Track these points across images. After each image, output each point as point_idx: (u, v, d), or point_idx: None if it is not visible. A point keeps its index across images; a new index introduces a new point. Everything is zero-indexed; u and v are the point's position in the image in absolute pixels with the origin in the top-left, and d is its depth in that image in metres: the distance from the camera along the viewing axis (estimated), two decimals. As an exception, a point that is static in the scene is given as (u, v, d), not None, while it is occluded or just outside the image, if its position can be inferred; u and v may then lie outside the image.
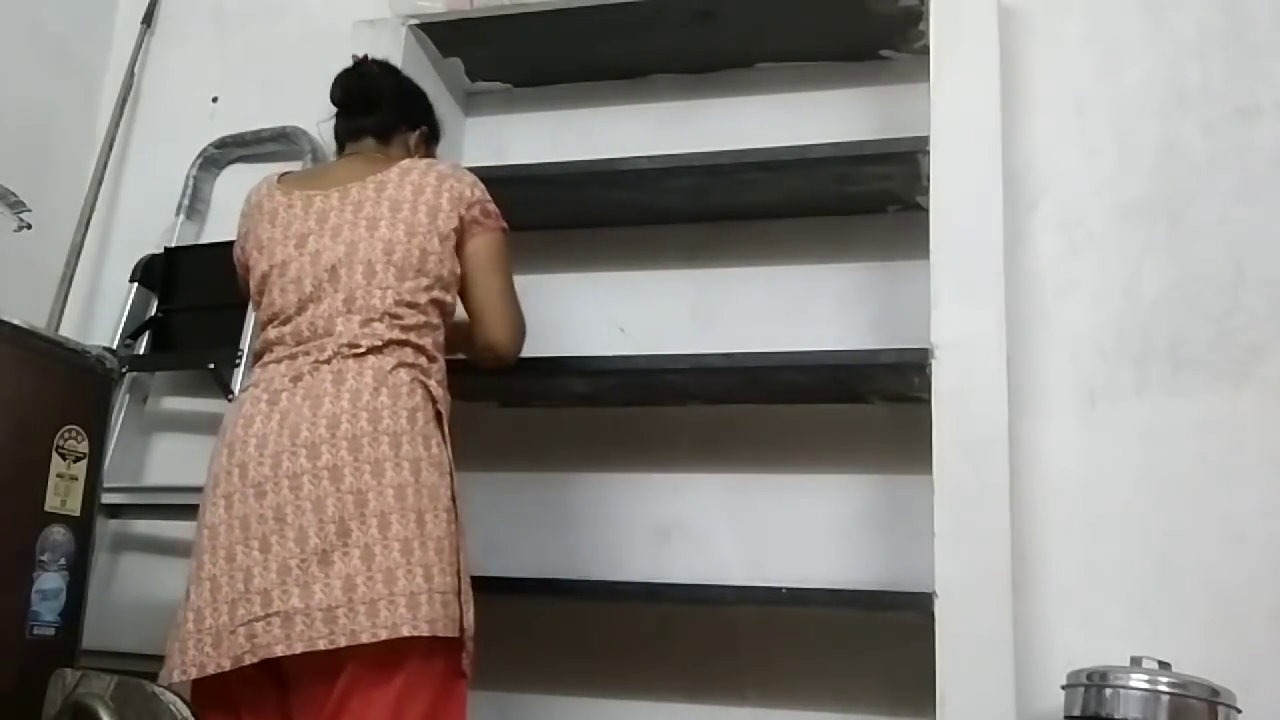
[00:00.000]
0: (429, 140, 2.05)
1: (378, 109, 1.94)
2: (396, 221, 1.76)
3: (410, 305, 1.74)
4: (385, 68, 2.01)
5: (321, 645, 1.52)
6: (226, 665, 1.56)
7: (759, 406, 2.32)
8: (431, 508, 1.64)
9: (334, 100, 1.95)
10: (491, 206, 1.87)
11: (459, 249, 1.82)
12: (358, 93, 1.94)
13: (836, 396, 2.24)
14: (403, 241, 1.75)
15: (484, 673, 1.71)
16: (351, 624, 1.53)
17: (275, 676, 1.62)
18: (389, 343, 1.71)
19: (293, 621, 1.54)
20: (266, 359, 1.76)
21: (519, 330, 1.89)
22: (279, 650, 1.54)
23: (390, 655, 1.55)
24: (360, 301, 1.72)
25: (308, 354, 1.70)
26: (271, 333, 1.78)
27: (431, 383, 1.74)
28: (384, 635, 1.53)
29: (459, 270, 1.82)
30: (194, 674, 1.58)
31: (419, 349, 1.75)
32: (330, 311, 1.72)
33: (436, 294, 1.78)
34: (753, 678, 2.23)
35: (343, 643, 1.52)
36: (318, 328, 1.72)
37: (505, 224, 1.89)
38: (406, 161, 1.86)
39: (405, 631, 1.53)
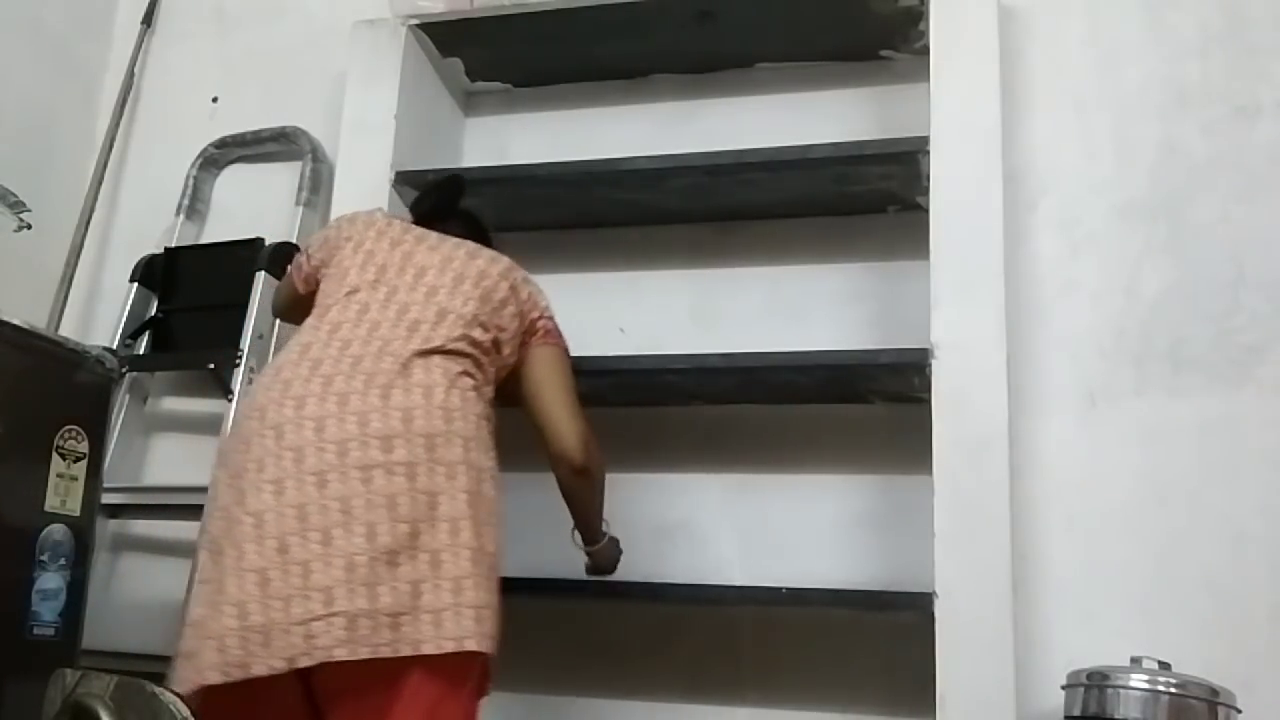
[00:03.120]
0: None
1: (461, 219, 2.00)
2: (469, 274, 1.76)
3: (479, 332, 1.71)
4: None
5: (385, 652, 1.43)
6: (280, 666, 1.42)
7: (759, 407, 2.32)
8: (488, 521, 1.57)
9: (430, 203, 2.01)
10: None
11: (521, 346, 1.82)
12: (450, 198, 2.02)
13: (836, 397, 2.24)
14: (470, 284, 1.74)
15: (484, 673, 1.70)
16: (415, 632, 1.44)
17: (302, 688, 1.50)
18: (455, 352, 1.66)
19: (357, 624, 1.42)
20: (308, 341, 1.66)
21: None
22: (340, 654, 1.42)
23: (443, 668, 1.48)
24: (431, 309, 1.68)
25: (368, 343, 1.62)
26: (320, 323, 1.69)
27: (488, 400, 1.71)
28: (449, 647, 1.44)
29: (515, 356, 1.81)
30: (237, 675, 1.42)
31: (480, 367, 1.70)
32: (398, 312, 1.67)
33: (496, 337, 1.75)
34: (753, 678, 2.23)
35: (406, 651, 1.43)
36: (381, 324, 1.66)
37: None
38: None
39: (470, 645, 1.46)
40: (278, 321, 2.48)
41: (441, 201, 2.00)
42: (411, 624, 1.45)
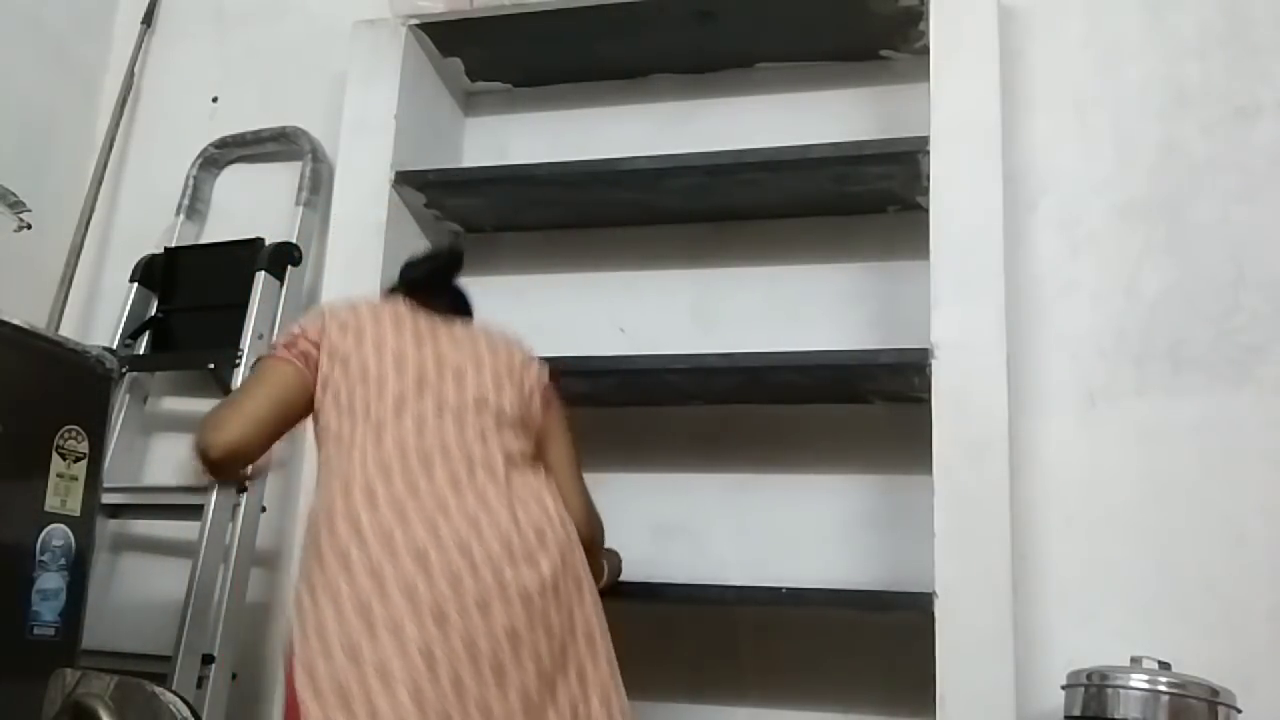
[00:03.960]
0: None
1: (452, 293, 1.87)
2: (500, 369, 1.70)
3: (526, 432, 1.67)
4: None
5: None
6: None
7: (759, 407, 2.32)
8: (603, 617, 1.61)
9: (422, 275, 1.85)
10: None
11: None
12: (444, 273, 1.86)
13: (836, 397, 2.24)
14: (507, 382, 1.68)
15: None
16: None
17: None
18: (530, 456, 1.65)
19: None
20: (384, 461, 1.55)
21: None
22: None
23: None
24: (488, 416, 1.62)
25: (447, 457, 1.56)
26: (382, 440, 1.57)
27: None
28: None
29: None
30: None
31: (541, 464, 1.69)
32: (455, 421, 1.60)
33: (532, 429, 1.70)
34: (753, 678, 2.23)
35: None
36: (448, 439, 1.58)
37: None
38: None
39: None
40: (278, 322, 2.47)
41: (438, 275, 1.83)
42: None
